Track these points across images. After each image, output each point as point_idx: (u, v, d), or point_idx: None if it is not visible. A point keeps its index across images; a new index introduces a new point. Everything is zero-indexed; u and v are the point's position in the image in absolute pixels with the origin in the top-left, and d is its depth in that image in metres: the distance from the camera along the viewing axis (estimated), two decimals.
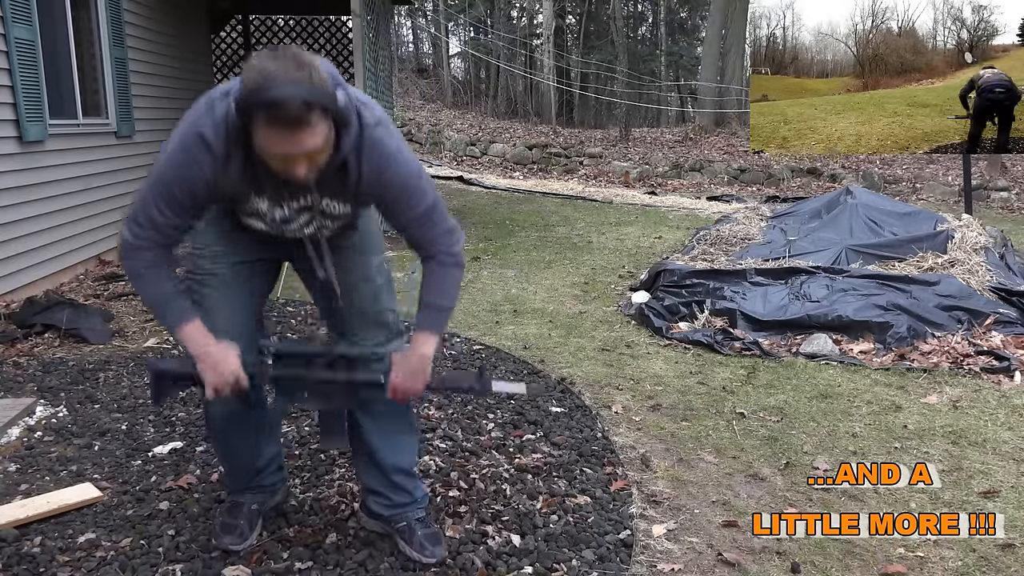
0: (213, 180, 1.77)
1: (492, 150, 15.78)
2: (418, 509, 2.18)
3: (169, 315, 1.91)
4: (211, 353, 1.87)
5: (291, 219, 1.90)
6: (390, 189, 1.89)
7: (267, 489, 2.24)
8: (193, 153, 1.75)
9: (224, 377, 1.86)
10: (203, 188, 1.78)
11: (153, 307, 1.94)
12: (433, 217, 1.96)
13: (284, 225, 1.91)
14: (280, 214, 1.88)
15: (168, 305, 1.90)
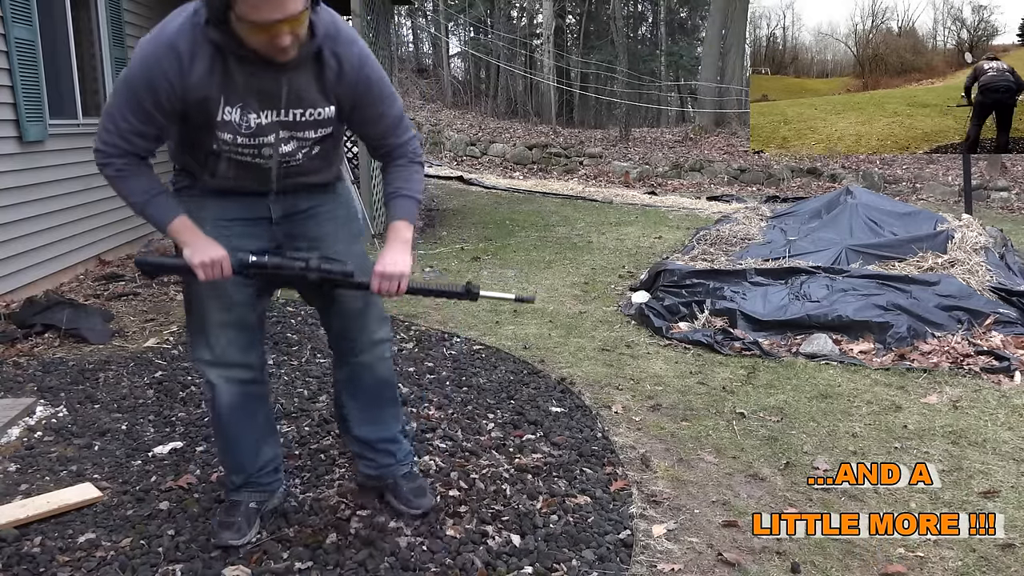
0: (179, 83, 1.77)
1: (492, 150, 15.78)
2: (402, 466, 2.33)
3: (156, 213, 1.93)
4: (200, 241, 1.91)
5: (267, 130, 1.88)
6: (371, 86, 1.94)
7: (265, 488, 2.24)
8: (158, 56, 1.76)
9: (212, 257, 1.88)
10: (168, 93, 1.78)
11: (139, 207, 1.94)
12: (404, 122, 2.05)
13: (260, 138, 1.88)
14: (255, 121, 1.86)
15: (153, 203, 1.92)
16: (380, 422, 2.30)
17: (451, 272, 5.96)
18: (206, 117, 1.84)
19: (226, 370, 2.11)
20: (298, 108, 1.89)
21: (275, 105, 1.87)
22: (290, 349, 3.91)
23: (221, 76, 1.80)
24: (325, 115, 1.93)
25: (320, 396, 3.28)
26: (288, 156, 1.96)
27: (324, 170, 2.08)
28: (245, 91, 1.83)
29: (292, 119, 1.90)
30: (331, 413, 3.07)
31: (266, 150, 1.92)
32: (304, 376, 3.52)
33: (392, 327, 4.29)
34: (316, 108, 1.91)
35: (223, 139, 1.88)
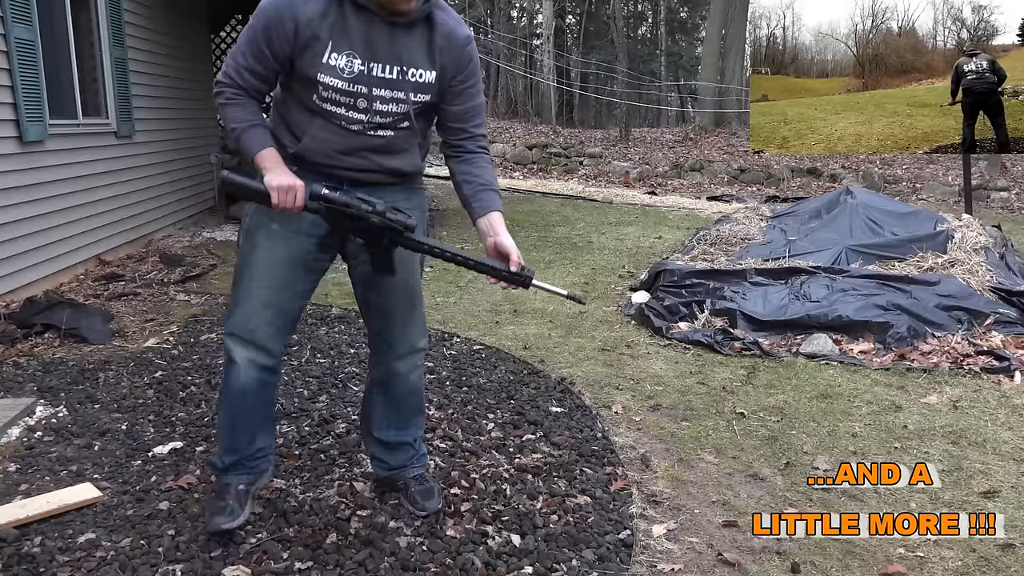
0: (291, 22, 1.88)
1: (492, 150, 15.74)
2: (414, 468, 2.38)
3: (249, 141, 1.98)
4: (280, 169, 1.95)
5: (368, 81, 1.93)
6: (472, 65, 2.03)
7: (254, 470, 2.23)
8: (280, 7, 1.89)
9: (290, 183, 1.92)
10: (280, 32, 1.89)
11: (236, 132, 2.00)
12: (483, 111, 2.14)
13: (359, 86, 1.93)
14: (358, 67, 1.92)
15: (249, 132, 1.98)
16: (402, 427, 2.35)
17: (451, 272, 5.97)
18: (312, 58, 1.91)
19: (253, 351, 2.10)
20: (402, 66, 1.95)
21: (381, 59, 1.94)
22: (290, 349, 3.90)
23: (335, 20, 1.90)
24: (426, 79, 1.99)
25: (320, 396, 3.27)
26: (381, 118, 1.99)
27: (411, 153, 2.10)
28: (356, 39, 1.91)
29: (396, 76, 1.96)
30: (331, 413, 3.08)
31: (361, 101, 1.96)
32: (304, 376, 3.52)
33: None
34: (419, 70, 1.98)
35: (323, 82, 1.93)
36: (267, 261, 2.05)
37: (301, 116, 2.02)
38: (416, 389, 2.34)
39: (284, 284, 2.08)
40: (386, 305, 2.21)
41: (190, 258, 6.14)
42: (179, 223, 7.52)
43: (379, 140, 2.03)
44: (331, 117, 1.99)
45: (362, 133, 2.01)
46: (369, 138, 2.02)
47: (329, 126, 2.00)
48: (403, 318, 2.22)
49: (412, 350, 2.27)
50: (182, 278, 5.42)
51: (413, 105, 2.00)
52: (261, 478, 2.27)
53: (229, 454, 2.21)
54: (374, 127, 2.00)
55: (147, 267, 5.83)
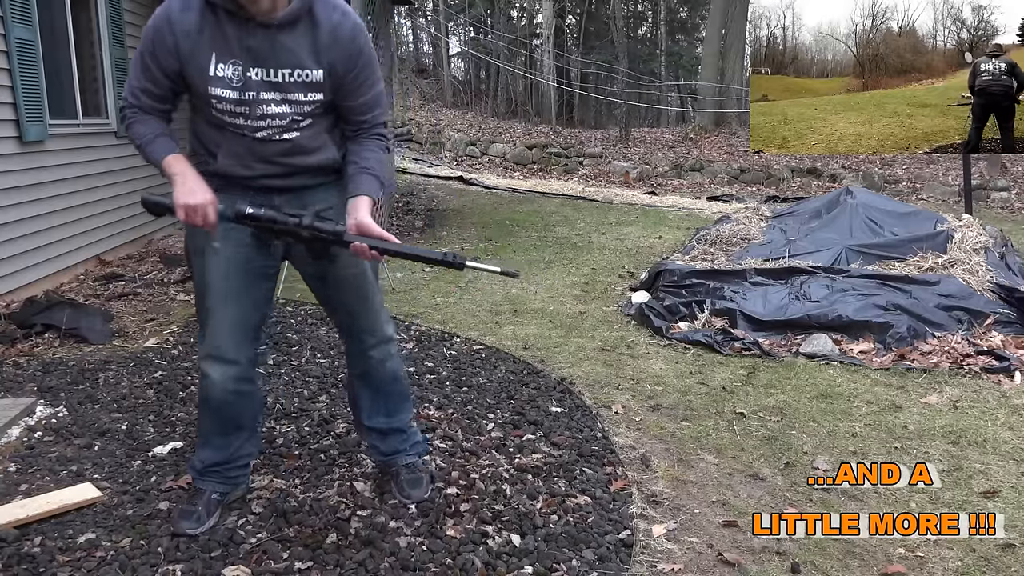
0: (172, 40, 1.90)
1: (492, 150, 15.78)
2: (407, 456, 2.44)
3: (154, 151, 2.00)
4: (188, 178, 1.96)
5: (257, 87, 1.94)
6: (362, 57, 2.00)
7: (230, 481, 2.32)
8: (156, 20, 1.92)
9: (196, 202, 1.94)
10: (163, 50, 1.91)
11: (142, 147, 2.02)
12: (383, 104, 2.13)
13: (250, 94, 1.94)
14: (245, 75, 1.92)
15: (153, 143, 2.00)
16: (390, 413, 2.42)
17: (451, 272, 5.96)
18: (199, 72, 1.92)
19: (222, 365, 2.17)
20: (287, 68, 1.95)
21: (264, 63, 1.93)
22: (290, 349, 3.91)
23: (212, 32, 1.90)
24: (314, 78, 1.97)
25: (320, 396, 3.27)
26: (284, 121, 1.99)
27: (325, 149, 2.10)
28: (235, 46, 1.91)
29: (282, 79, 1.95)
30: (331, 413, 3.08)
31: (257, 108, 1.96)
32: (304, 376, 3.52)
33: None
34: (305, 69, 1.96)
35: (215, 95, 1.94)
36: (218, 278, 2.11)
37: (211, 132, 2.05)
38: (395, 376, 2.39)
39: (239, 296, 2.13)
40: (342, 301, 2.27)
41: None
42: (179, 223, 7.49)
43: (286, 144, 2.03)
44: (236, 129, 2.00)
45: (268, 140, 2.02)
46: (277, 143, 2.03)
47: (237, 138, 2.01)
48: (362, 311, 2.28)
49: (380, 340, 2.31)
50: (182, 278, 5.42)
51: (309, 105, 2.00)
52: (236, 490, 2.35)
53: (207, 459, 2.28)
54: (277, 131, 2.01)
55: (147, 267, 5.83)
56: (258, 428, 2.43)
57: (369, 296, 2.28)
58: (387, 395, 2.40)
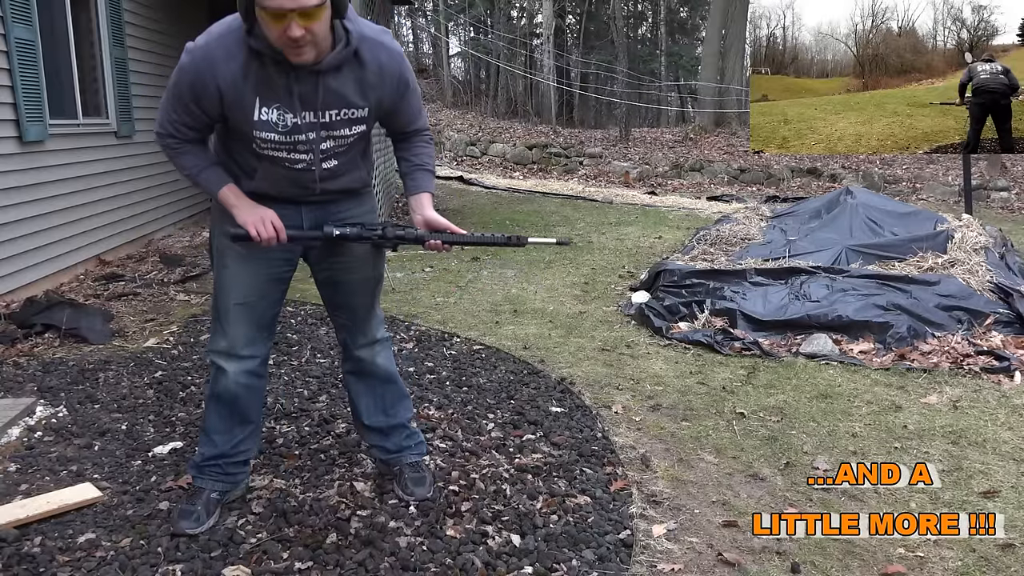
0: (214, 85, 1.90)
1: (492, 150, 15.78)
2: (411, 455, 2.47)
3: (207, 181, 2.07)
4: (246, 204, 2.06)
5: (303, 129, 1.98)
6: (408, 86, 2.08)
7: (229, 478, 2.33)
8: (195, 61, 1.91)
9: (262, 216, 2.03)
10: (204, 93, 1.92)
11: (192, 177, 2.09)
12: (420, 105, 2.21)
13: (295, 136, 1.98)
14: (291, 121, 1.96)
15: (204, 173, 2.07)
16: (390, 412, 2.46)
17: (451, 272, 5.96)
18: (244, 116, 1.95)
19: (237, 362, 2.22)
20: (333, 109, 1.99)
21: (312, 107, 1.96)
22: (290, 349, 3.91)
23: (256, 78, 1.91)
24: (359, 115, 2.03)
25: (320, 396, 3.27)
26: (325, 154, 2.06)
27: (356, 171, 2.19)
28: (282, 92, 1.93)
29: (328, 119, 1.99)
30: (331, 413, 3.08)
31: (301, 147, 2.02)
32: (304, 376, 3.52)
33: (390, 327, 4.31)
34: (352, 109, 2.01)
35: (260, 137, 1.98)
36: (239, 281, 2.17)
37: (247, 157, 2.08)
38: (389, 373, 2.44)
39: (257, 298, 2.20)
40: (348, 303, 2.34)
41: (190, 258, 6.14)
42: (179, 223, 7.53)
43: (325, 172, 2.10)
44: (275, 161, 2.05)
45: (308, 169, 2.07)
46: (314, 172, 2.08)
47: (274, 167, 2.06)
48: (365, 312, 2.36)
49: (370, 341, 2.39)
50: (182, 278, 5.42)
51: (351, 137, 2.07)
52: (235, 489, 2.36)
53: (207, 453, 2.30)
54: (319, 162, 2.07)
55: (147, 267, 5.83)
56: (259, 426, 2.44)
57: (373, 301, 2.37)
58: (382, 393, 2.44)
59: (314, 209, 2.17)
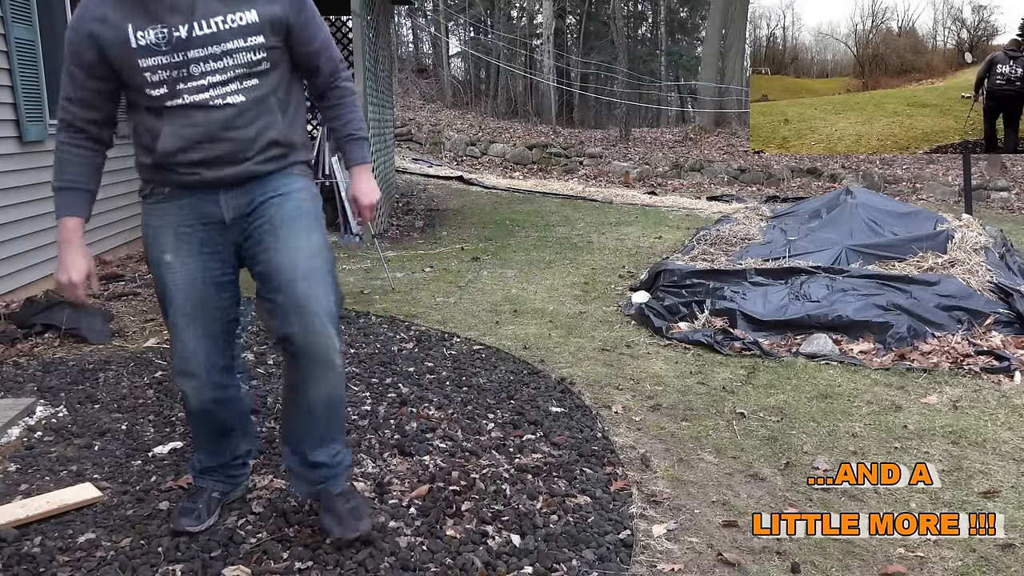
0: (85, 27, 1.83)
1: (492, 150, 15.78)
2: (337, 483, 2.14)
3: (59, 204, 1.96)
4: (69, 249, 1.94)
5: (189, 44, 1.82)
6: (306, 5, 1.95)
7: (230, 480, 2.32)
8: (73, 24, 1.85)
9: (70, 274, 1.93)
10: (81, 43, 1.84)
11: (54, 191, 1.97)
12: (331, 42, 2.06)
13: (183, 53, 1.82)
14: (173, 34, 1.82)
15: (62, 194, 1.96)
16: (320, 441, 2.11)
17: (451, 272, 5.97)
18: (122, 49, 1.83)
19: (192, 381, 2.10)
20: (217, 16, 1.84)
21: (190, 15, 1.83)
22: None
23: (125, 5, 1.82)
24: (249, 20, 1.87)
25: None
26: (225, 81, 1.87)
27: (271, 116, 1.96)
28: (155, 8, 1.82)
29: (215, 28, 1.84)
30: None
31: (195, 70, 1.84)
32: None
33: (390, 327, 4.31)
34: (236, 12, 1.85)
35: (146, 67, 1.83)
36: (175, 292, 2.02)
37: (150, 120, 1.93)
38: (334, 400, 2.08)
39: (201, 308, 2.04)
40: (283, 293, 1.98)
41: None
42: None
43: (230, 111, 1.90)
44: (175, 104, 1.88)
45: (210, 106, 1.88)
46: (220, 111, 1.89)
47: (177, 116, 1.89)
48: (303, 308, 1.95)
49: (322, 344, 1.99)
50: None
51: (249, 52, 1.88)
52: (236, 489, 2.35)
53: (204, 461, 2.29)
54: (220, 93, 1.88)
55: (147, 267, 5.83)
56: (250, 425, 2.40)
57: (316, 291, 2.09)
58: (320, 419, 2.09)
59: (236, 194, 1.98)
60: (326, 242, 2.07)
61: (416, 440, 2.81)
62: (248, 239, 2.02)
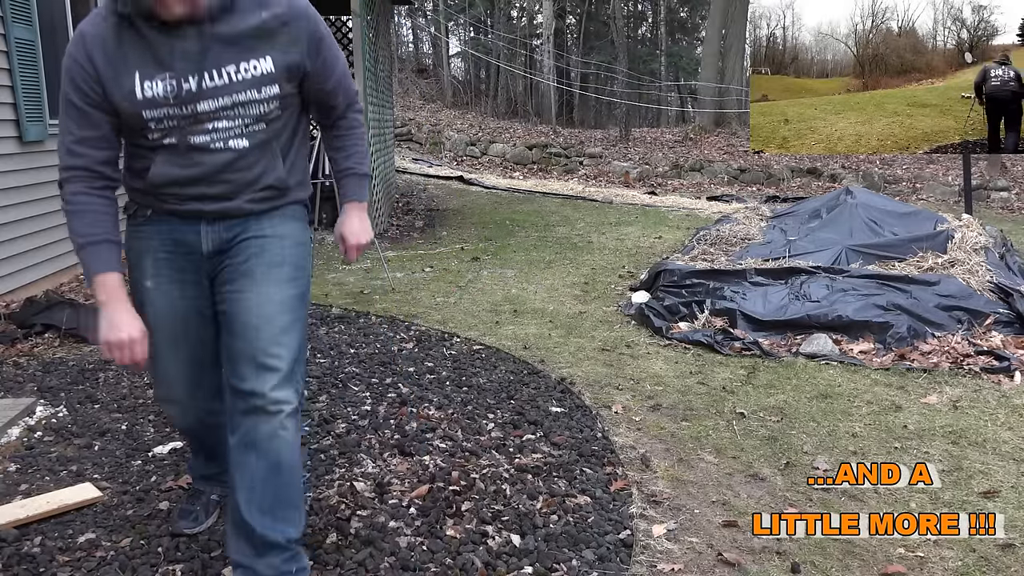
0: (91, 67, 1.66)
1: (492, 150, 15.78)
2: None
3: (91, 260, 1.74)
4: (115, 309, 1.74)
5: (199, 96, 1.68)
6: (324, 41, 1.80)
7: (228, 484, 2.14)
8: (71, 51, 1.68)
9: (123, 338, 1.72)
10: (85, 80, 1.67)
11: (77, 248, 1.76)
12: (347, 74, 1.92)
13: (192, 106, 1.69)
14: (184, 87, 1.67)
15: (88, 249, 1.74)
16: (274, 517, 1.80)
17: (451, 272, 5.96)
18: (127, 97, 1.68)
19: (179, 408, 2.05)
20: (230, 64, 1.69)
21: (201, 66, 1.68)
22: None
23: (132, 47, 1.66)
24: (263, 70, 1.72)
25: (320, 396, 3.27)
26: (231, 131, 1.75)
27: (271, 166, 1.83)
28: (165, 57, 1.66)
29: (228, 80, 1.70)
30: (331, 413, 3.07)
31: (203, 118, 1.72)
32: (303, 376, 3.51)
33: (390, 327, 4.31)
34: (252, 61, 1.70)
35: (152, 118, 1.70)
36: (155, 319, 1.88)
37: (143, 154, 1.79)
38: (286, 464, 1.80)
39: (181, 336, 1.92)
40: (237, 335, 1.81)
41: None
42: None
43: (229, 154, 1.76)
44: (174, 150, 1.75)
45: (209, 149, 1.75)
46: (219, 154, 1.75)
47: (175, 156, 1.76)
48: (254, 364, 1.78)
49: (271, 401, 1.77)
50: None
51: (263, 104, 1.75)
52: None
53: (200, 468, 2.27)
54: (223, 139, 1.75)
55: None
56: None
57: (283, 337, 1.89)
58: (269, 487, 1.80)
59: (219, 228, 1.83)
60: (303, 298, 1.90)
61: (416, 440, 2.81)
62: (220, 275, 1.86)
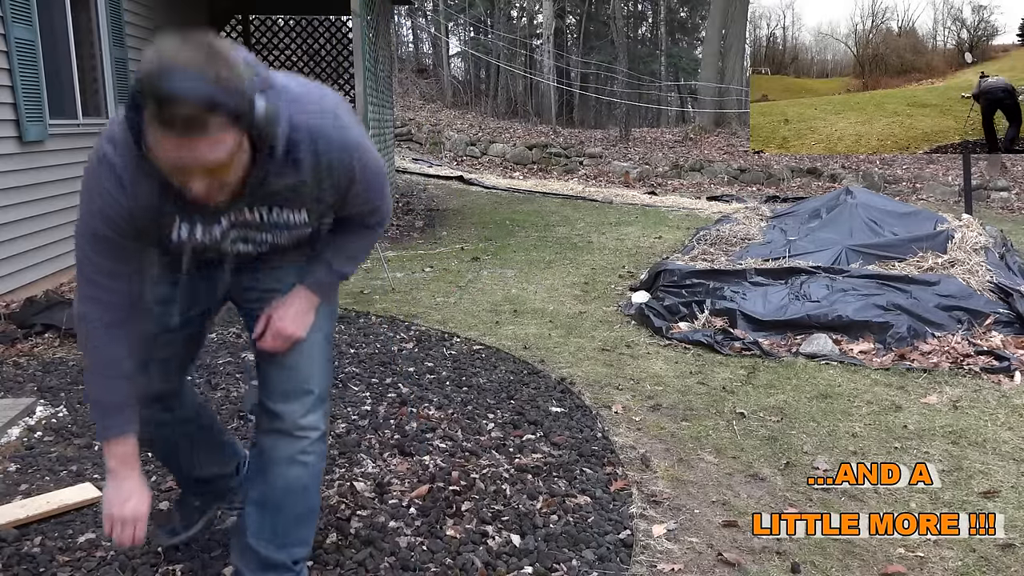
0: (125, 202, 1.50)
1: (492, 150, 15.78)
2: None
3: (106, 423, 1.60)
4: (124, 480, 1.60)
5: (230, 234, 1.61)
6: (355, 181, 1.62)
7: (208, 493, 2.14)
8: (99, 179, 1.52)
9: (128, 515, 1.60)
10: (120, 217, 1.52)
11: (93, 407, 1.62)
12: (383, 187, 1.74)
13: (224, 243, 1.62)
14: (218, 230, 1.59)
15: (109, 414, 1.59)
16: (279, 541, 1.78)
17: (451, 272, 5.96)
18: (160, 237, 1.58)
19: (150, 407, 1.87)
20: (264, 207, 1.59)
21: (239, 214, 1.58)
22: None
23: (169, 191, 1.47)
24: (297, 221, 1.63)
25: None
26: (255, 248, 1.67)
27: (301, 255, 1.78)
28: (206, 207, 1.51)
29: (260, 220, 1.60)
30: (331, 413, 3.07)
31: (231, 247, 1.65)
32: None
33: (390, 327, 4.31)
34: (284, 212, 1.61)
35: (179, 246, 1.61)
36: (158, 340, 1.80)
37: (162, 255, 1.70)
38: (300, 488, 1.78)
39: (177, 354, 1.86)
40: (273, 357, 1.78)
41: None
42: None
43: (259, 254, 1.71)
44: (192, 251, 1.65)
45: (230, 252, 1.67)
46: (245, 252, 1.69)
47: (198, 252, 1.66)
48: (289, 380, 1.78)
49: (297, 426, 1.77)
50: None
51: (294, 238, 1.68)
52: (220, 500, 2.17)
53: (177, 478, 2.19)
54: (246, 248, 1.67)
55: None
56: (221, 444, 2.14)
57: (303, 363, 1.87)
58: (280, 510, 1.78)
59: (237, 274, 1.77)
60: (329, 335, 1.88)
61: (416, 440, 2.81)
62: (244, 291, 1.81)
